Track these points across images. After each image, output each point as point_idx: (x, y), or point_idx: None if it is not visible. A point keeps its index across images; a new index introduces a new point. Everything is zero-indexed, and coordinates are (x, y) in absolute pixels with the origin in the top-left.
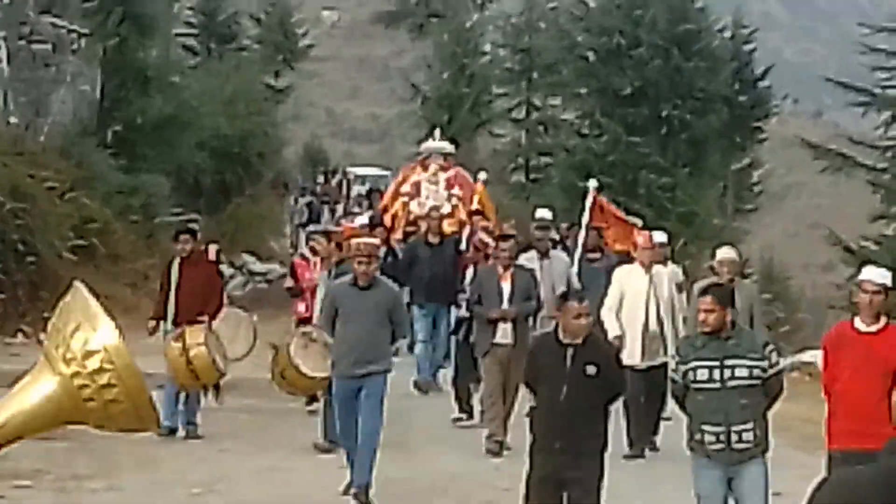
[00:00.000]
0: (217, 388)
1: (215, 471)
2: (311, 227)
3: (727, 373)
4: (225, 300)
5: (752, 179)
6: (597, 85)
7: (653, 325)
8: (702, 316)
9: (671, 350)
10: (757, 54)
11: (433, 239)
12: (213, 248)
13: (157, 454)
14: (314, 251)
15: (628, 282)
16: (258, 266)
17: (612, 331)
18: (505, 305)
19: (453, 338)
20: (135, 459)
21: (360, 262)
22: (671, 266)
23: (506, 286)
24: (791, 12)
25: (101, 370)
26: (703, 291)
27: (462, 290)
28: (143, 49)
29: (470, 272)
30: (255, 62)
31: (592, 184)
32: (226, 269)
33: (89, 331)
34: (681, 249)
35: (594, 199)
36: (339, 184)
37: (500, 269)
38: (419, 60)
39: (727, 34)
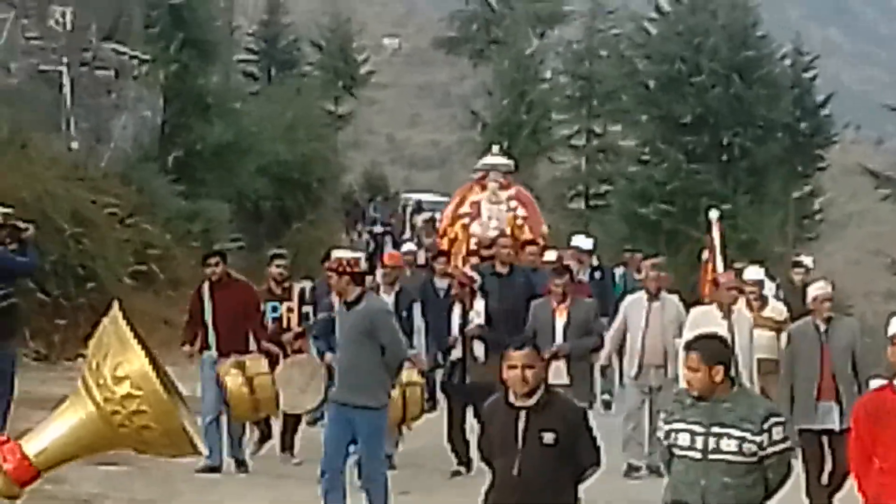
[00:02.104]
0: (263, 436)
1: (276, 496)
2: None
3: (712, 442)
4: (306, 345)
5: (814, 207)
6: (657, 112)
7: None
8: (687, 375)
9: None
10: (818, 81)
11: (501, 269)
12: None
13: (216, 478)
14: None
15: (705, 325)
16: None
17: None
18: (559, 341)
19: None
20: (193, 485)
21: (329, 276)
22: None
23: (560, 321)
24: (852, 39)
25: (129, 396)
26: (689, 346)
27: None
28: (204, 75)
29: (456, 310)
30: (315, 88)
31: (714, 214)
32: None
33: (119, 356)
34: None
35: (721, 230)
36: (403, 212)
37: (554, 303)
38: (479, 87)
39: (788, 61)
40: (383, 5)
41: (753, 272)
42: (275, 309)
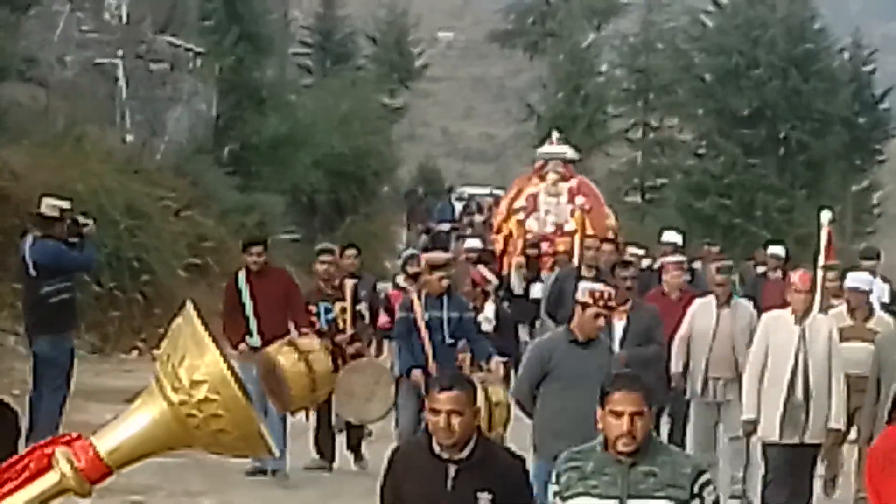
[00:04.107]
0: (358, 447)
1: (328, 488)
2: (408, 252)
3: None
4: (369, 350)
5: (872, 202)
6: (714, 105)
7: (800, 394)
8: (615, 425)
9: (831, 422)
10: (877, 75)
11: (587, 272)
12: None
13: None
14: (413, 277)
15: (773, 333)
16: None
17: (747, 412)
18: (616, 349)
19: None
20: (248, 477)
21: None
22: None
23: (619, 325)
24: None
25: (206, 400)
26: (621, 385)
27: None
28: (259, 68)
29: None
30: (370, 81)
31: (826, 216)
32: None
33: (196, 358)
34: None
35: (829, 234)
36: (465, 208)
37: None
38: (534, 80)
39: (846, 55)
40: None
41: (857, 279)
42: (328, 310)
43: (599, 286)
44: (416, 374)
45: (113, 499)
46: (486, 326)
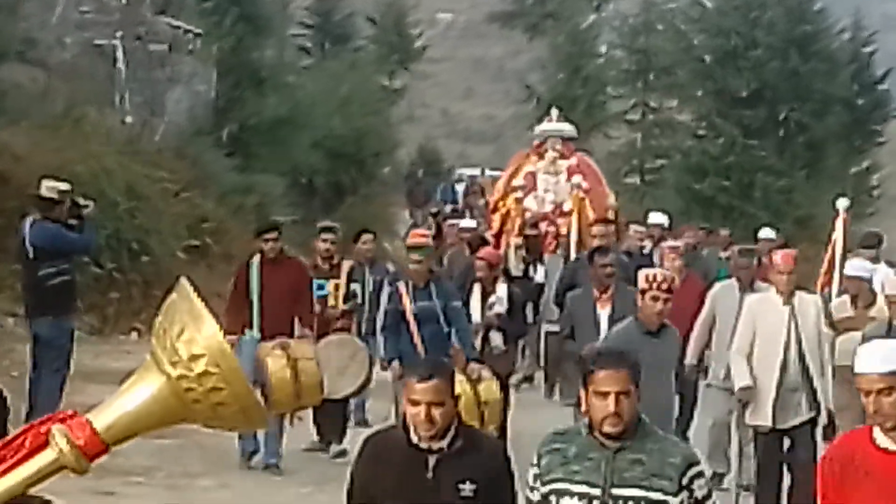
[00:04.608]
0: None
1: (327, 470)
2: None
3: None
4: (349, 322)
5: (871, 183)
6: (713, 87)
7: (793, 375)
8: (600, 406)
9: (824, 402)
10: (877, 56)
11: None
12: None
13: None
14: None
15: (761, 315)
16: None
17: (740, 380)
18: (603, 337)
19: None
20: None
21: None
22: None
23: (604, 313)
24: None
25: (206, 374)
26: (605, 361)
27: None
28: (259, 49)
29: (476, 294)
30: (369, 63)
31: (843, 203)
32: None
33: (194, 332)
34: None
35: (844, 222)
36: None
37: (597, 292)
38: (534, 62)
39: (846, 36)
40: None
41: (856, 266)
42: (321, 287)
43: (655, 270)
44: (396, 365)
45: (112, 479)
46: (500, 308)
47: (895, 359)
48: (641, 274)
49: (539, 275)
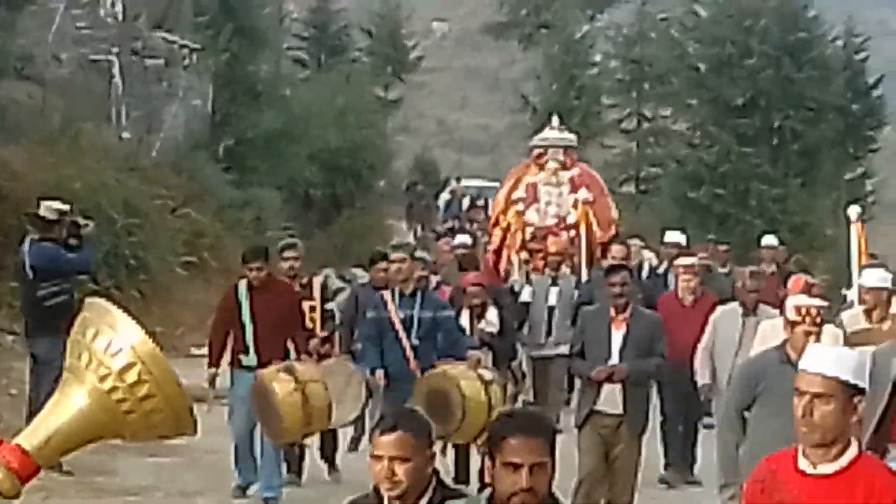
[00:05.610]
0: (332, 457)
1: (326, 488)
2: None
3: None
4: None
5: (866, 189)
6: (708, 95)
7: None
8: (522, 481)
9: None
10: (870, 63)
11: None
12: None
13: None
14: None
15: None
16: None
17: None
18: (614, 360)
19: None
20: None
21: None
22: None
23: (617, 335)
24: None
25: (139, 382)
26: (511, 423)
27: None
28: (254, 63)
29: (465, 317)
30: (365, 74)
31: (854, 211)
32: (337, 284)
33: (122, 343)
34: (795, 262)
35: (860, 231)
36: (471, 204)
37: (612, 312)
38: (529, 71)
39: (840, 43)
40: None
41: (875, 276)
42: None
43: (808, 301)
44: (379, 374)
45: (110, 499)
46: (491, 330)
47: (848, 367)
48: (792, 304)
49: (525, 294)
